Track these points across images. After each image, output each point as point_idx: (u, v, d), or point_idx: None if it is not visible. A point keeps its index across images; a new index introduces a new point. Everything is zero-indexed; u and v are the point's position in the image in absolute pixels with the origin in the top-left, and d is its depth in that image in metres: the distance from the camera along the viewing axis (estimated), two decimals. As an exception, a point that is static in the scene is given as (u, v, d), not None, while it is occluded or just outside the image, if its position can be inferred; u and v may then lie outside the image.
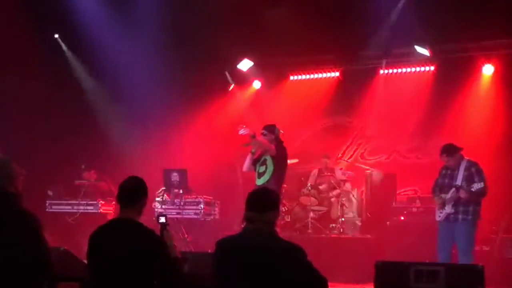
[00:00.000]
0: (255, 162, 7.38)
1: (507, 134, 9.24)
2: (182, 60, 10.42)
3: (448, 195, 6.91)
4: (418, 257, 7.07)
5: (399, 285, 4.11)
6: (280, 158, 7.22)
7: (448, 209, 6.90)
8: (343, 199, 9.33)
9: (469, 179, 6.81)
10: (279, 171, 7.21)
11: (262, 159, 7.33)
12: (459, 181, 6.87)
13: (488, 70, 9.82)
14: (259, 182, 7.25)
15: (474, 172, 6.85)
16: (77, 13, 9.39)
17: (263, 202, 3.56)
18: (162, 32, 9.51)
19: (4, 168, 3.84)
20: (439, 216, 7.06)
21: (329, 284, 3.48)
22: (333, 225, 9.19)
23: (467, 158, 7.05)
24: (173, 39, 9.80)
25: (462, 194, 6.75)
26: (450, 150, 7.01)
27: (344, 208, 9.27)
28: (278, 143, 7.35)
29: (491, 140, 9.27)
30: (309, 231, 9.06)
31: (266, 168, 7.24)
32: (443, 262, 6.59)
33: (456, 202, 6.84)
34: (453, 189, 6.87)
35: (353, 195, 9.67)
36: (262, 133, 7.35)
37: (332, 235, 8.92)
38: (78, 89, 10.39)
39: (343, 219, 9.11)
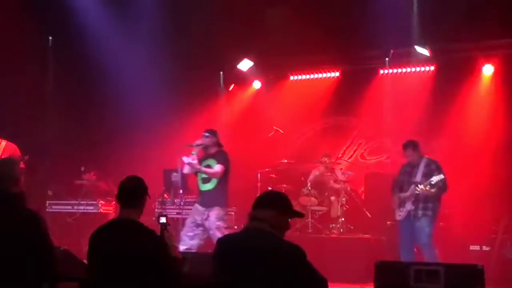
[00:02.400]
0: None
1: (507, 134, 9.24)
2: (182, 60, 10.42)
3: (408, 193, 6.98)
4: (418, 257, 7.10)
5: (399, 285, 4.11)
6: (224, 164, 7.24)
7: (408, 206, 6.97)
8: (343, 199, 9.33)
9: (428, 176, 6.87)
10: (224, 176, 7.25)
11: (206, 165, 7.29)
12: (418, 178, 6.95)
13: (488, 70, 9.82)
14: (204, 187, 7.24)
15: (434, 168, 6.93)
16: (74, 13, 9.38)
17: (267, 201, 3.55)
18: (162, 32, 9.51)
19: (9, 169, 3.88)
20: (399, 215, 7.11)
21: (329, 284, 3.48)
22: (333, 225, 9.18)
23: (427, 156, 7.17)
24: (172, 39, 9.79)
25: (425, 187, 6.80)
26: (414, 144, 7.14)
27: (345, 208, 9.27)
28: (219, 147, 7.42)
29: (491, 140, 9.27)
30: (309, 231, 9.06)
31: None
32: (407, 262, 6.60)
33: (416, 199, 6.92)
34: (413, 186, 6.94)
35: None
36: (204, 135, 7.35)
37: (332, 235, 8.92)
38: (78, 89, 10.38)
39: (343, 219, 9.10)
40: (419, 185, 6.88)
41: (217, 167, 7.18)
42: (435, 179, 6.77)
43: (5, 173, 3.84)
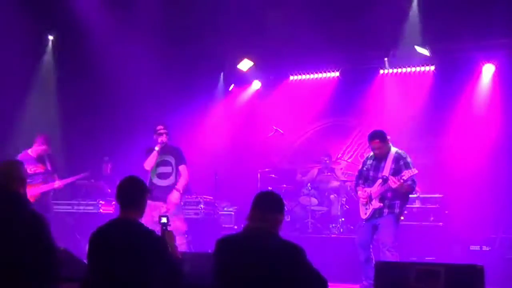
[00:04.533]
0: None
1: (506, 133, 9.24)
2: (183, 60, 10.42)
3: (374, 189, 6.39)
4: (418, 257, 7.10)
5: (399, 285, 4.11)
6: (186, 163, 7.29)
7: (376, 204, 6.36)
8: (343, 199, 9.34)
9: (396, 173, 6.25)
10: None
11: (164, 160, 7.22)
12: (385, 173, 6.33)
13: (488, 70, 9.82)
14: (164, 183, 7.15)
15: (402, 165, 6.31)
16: (75, 13, 9.38)
17: (269, 202, 3.58)
18: (162, 32, 9.52)
19: (15, 170, 3.90)
20: (366, 213, 6.49)
21: (329, 284, 3.49)
22: (333, 225, 9.19)
23: (396, 149, 6.54)
24: (173, 39, 9.80)
25: (393, 183, 6.14)
26: (382, 136, 6.45)
27: (345, 208, 9.27)
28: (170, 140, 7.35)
29: (491, 139, 9.27)
30: (309, 231, 9.07)
31: (172, 170, 7.24)
32: (364, 264, 6.39)
33: (383, 196, 6.32)
34: (380, 181, 6.35)
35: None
36: (163, 132, 7.21)
37: (332, 235, 8.92)
38: (79, 89, 10.38)
39: (343, 219, 9.10)
40: (388, 179, 6.24)
41: (184, 170, 7.21)
42: (407, 173, 6.15)
43: (11, 174, 3.86)
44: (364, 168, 6.66)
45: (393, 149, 6.50)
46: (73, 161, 9.80)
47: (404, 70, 10.54)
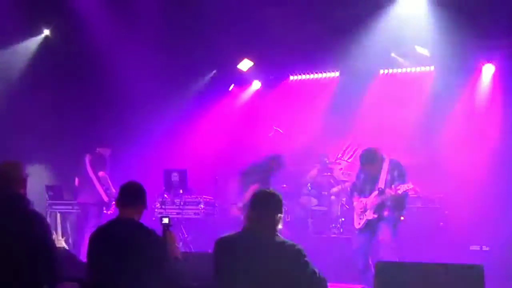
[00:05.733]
0: None
1: (506, 133, 9.24)
2: (182, 60, 10.42)
3: (370, 199, 6.45)
4: (418, 257, 7.09)
5: (399, 285, 4.11)
6: None
7: (370, 215, 6.41)
8: (343, 199, 9.34)
9: (390, 184, 6.32)
10: None
11: None
12: (381, 185, 6.38)
13: (488, 70, 9.82)
14: None
15: (396, 176, 6.38)
16: (74, 10, 9.36)
17: (268, 202, 3.58)
18: (161, 32, 9.51)
19: (15, 171, 3.92)
20: (359, 223, 6.56)
21: (329, 284, 3.49)
22: (333, 225, 9.19)
23: (390, 158, 6.58)
24: (172, 38, 9.79)
25: (389, 192, 6.23)
26: (371, 157, 6.50)
27: (345, 208, 9.27)
28: None
29: (491, 139, 9.27)
30: (309, 231, 9.06)
31: None
32: (363, 272, 6.45)
33: (378, 207, 6.38)
34: (376, 192, 6.41)
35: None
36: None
37: (332, 235, 8.92)
38: (79, 89, 10.38)
39: (343, 219, 9.10)
40: (384, 190, 6.32)
41: None
42: (402, 188, 6.20)
43: (11, 175, 3.87)
44: (359, 181, 6.75)
45: (387, 159, 6.54)
46: (72, 160, 9.80)
47: (404, 70, 10.53)
